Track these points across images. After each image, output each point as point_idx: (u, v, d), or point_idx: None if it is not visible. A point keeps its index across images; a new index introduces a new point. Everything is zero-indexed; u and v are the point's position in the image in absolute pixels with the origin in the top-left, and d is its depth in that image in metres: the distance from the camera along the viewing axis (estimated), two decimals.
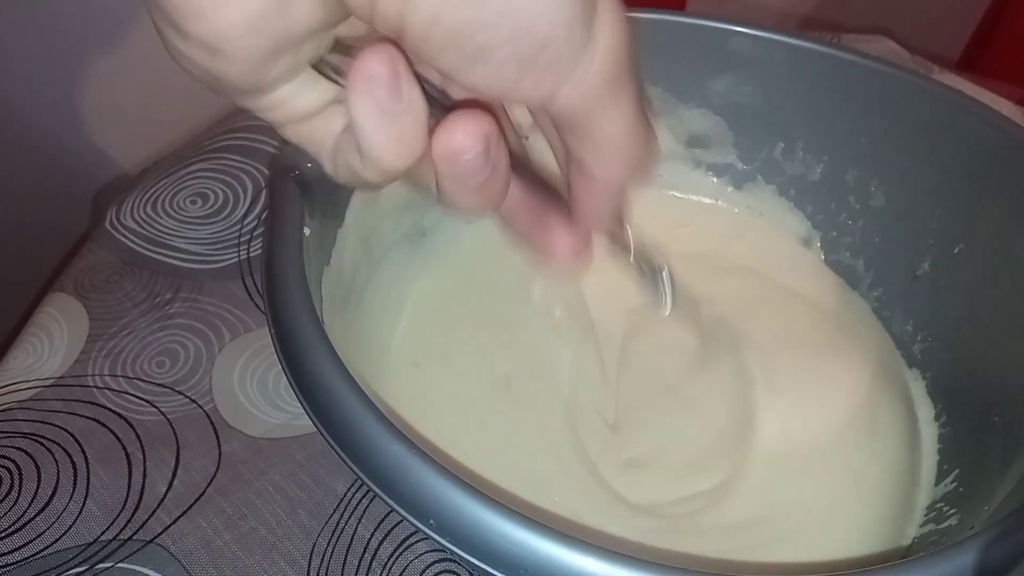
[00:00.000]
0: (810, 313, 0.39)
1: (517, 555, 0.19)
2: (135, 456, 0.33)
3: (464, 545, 0.20)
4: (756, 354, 0.36)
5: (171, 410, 0.34)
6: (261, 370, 0.36)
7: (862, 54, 0.37)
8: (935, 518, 0.31)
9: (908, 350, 0.37)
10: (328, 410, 0.22)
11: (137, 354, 0.36)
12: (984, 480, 0.29)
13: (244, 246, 0.42)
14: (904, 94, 0.36)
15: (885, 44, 0.58)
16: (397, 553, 0.31)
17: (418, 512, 0.20)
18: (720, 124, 0.42)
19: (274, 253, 0.26)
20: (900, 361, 0.37)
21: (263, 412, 0.35)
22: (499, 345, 0.36)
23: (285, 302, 0.24)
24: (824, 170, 0.40)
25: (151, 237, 0.42)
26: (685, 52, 0.40)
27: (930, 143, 0.36)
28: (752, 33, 0.39)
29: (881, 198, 0.39)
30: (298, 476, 0.33)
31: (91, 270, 0.40)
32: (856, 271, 0.40)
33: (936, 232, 0.36)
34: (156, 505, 0.31)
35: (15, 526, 0.30)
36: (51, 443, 0.33)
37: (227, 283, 0.40)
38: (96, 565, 0.29)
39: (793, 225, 0.42)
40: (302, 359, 0.23)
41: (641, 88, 0.22)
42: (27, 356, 0.36)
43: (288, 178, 0.28)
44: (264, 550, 0.30)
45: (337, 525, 0.31)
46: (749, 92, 0.40)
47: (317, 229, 0.28)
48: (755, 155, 0.42)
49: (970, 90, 0.53)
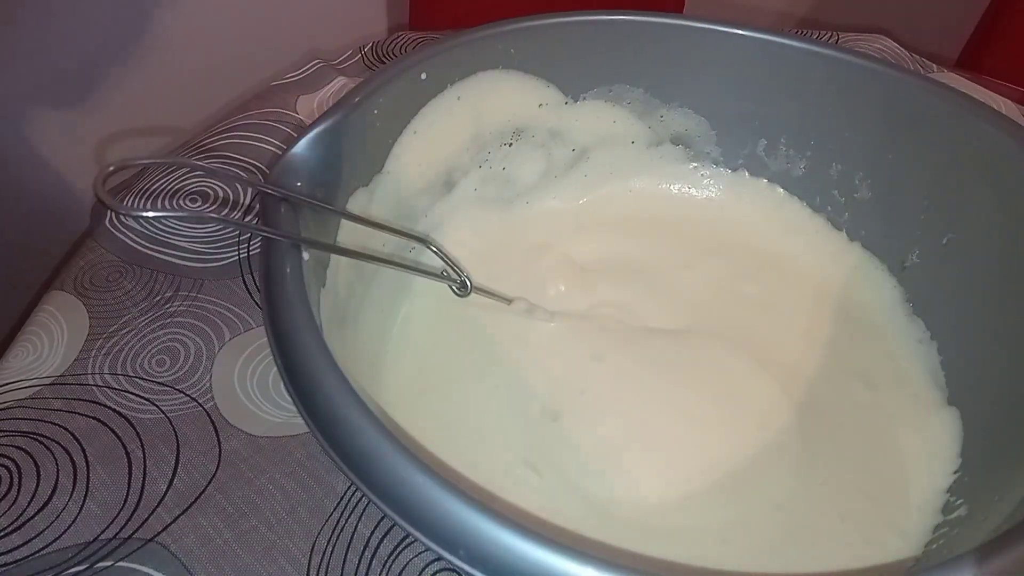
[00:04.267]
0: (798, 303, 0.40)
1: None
2: (135, 455, 0.33)
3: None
4: (741, 343, 0.37)
5: (171, 408, 0.34)
6: (261, 368, 0.36)
7: (844, 50, 0.38)
8: (944, 508, 0.31)
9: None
10: (361, 458, 0.21)
11: (137, 352, 0.36)
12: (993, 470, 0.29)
13: (244, 244, 0.42)
14: (887, 88, 0.37)
15: (884, 43, 0.58)
16: (397, 551, 0.31)
17: (447, 543, 0.20)
18: (703, 123, 0.42)
19: (274, 282, 0.26)
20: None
21: (263, 410, 0.35)
22: (491, 360, 0.36)
23: (296, 346, 0.24)
24: (808, 165, 0.41)
25: (151, 235, 0.42)
26: (665, 53, 0.40)
27: (915, 135, 0.37)
28: (732, 32, 0.39)
29: (866, 191, 0.39)
30: (298, 474, 0.33)
31: (91, 268, 0.40)
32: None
33: (923, 223, 0.37)
34: (156, 504, 0.31)
35: (15, 525, 0.30)
36: (51, 442, 0.33)
37: (227, 281, 0.40)
38: (96, 564, 0.29)
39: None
40: (315, 392, 0.23)
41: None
42: (27, 355, 0.36)
43: (280, 201, 0.28)
44: (264, 548, 0.30)
45: (337, 523, 0.31)
46: (731, 91, 0.41)
47: (314, 252, 0.28)
48: (738, 152, 0.43)
49: (969, 89, 0.53)
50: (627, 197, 0.44)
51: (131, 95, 0.64)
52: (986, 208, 0.34)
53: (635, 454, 0.33)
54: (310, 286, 0.26)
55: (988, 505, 0.27)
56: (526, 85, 0.40)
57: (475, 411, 0.34)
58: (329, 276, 0.30)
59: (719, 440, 0.33)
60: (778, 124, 0.41)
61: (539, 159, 0.42)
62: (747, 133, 0.42)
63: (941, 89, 0.36)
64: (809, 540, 0.30)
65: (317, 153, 0.30)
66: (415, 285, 0.38)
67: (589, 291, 0.40)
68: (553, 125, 0.42)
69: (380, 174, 0.35)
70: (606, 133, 0.43)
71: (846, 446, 0.33)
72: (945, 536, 0.29)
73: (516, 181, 0.42)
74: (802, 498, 0.32)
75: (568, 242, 0.42)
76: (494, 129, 0.40)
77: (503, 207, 0.42)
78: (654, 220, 0.44)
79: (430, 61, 0.35)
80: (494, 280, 0.37)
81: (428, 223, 0.39)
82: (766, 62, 0.39)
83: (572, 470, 0.32)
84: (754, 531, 0.31)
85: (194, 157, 0.46)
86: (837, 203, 0.41)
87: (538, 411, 0.34)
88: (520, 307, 0.37)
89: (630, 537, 0.30)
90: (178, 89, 0.65)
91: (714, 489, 0.32)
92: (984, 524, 0.26)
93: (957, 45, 0.76)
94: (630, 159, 0.44)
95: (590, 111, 0.42)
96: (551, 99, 0.41)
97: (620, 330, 0.38)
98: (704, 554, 0.29)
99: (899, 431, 0.34)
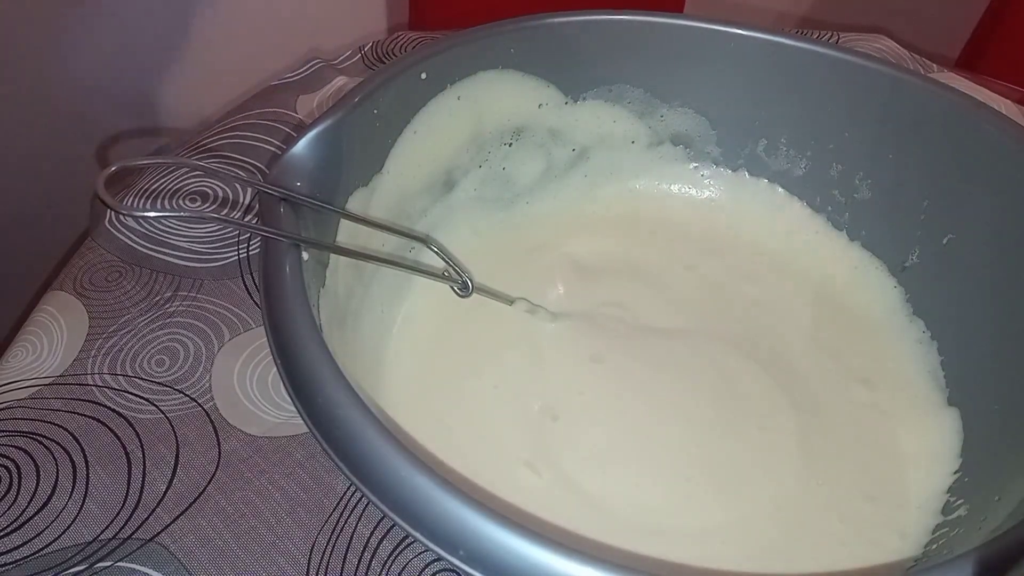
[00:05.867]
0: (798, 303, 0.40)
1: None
2: (134, 455, 0.33)
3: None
4: (741, 343, 0.37)
5: (171, 409, 0.34)
6: (261, 368, 0.36)
7: (844, 50, 0.38)
8: (944, 508, 0.31)
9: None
10: (360, 458, 0.21)
11: (137, 353, 0.36)
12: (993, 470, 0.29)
13: (244, 244, 0.42)
14: (887, 88, 0.37)
15: (884, 43, 0.58)
16: (397, 551, 0.31)
17: (447, 543, 0.20)
18: (703, 123, 0.42)
19: (274, 282, 0.26)
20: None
21: (263, 410, 0.35)
22: (491, 360, 0.36)
23: (295, 346, 0.24)
24: (808, 165, 0.41)
25: (151, 235, 0.42)
26: (665, 53, 0.40)
27: (915, 135, 0.37)
28: (732, 32, 0.39)
29: (867, 191, 0.39)
30: (298, 475, 0.33)
31: (90, 268, 0.40)
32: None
33: (923, 223, 0.37)
34: (156, 504, 0.31)
35: (14, 525, 0.30)
36: (50, 442, 0.33)
37: (227, 281, 0.40)
38: (95, 564, 0.29)
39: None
40: (315, 393, 0.23)
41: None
42: (26, 355, 0.36)
43: (279, 201, 0.28)
44: (264, 548, 0.30)
45: (337, 524, 0.31)
46: (731, 91, 0.41)
47: (314, 253, 0.28)
48: (738, 152, 0.43)
49: (969, 89, 0.53)
50: (627, 197, 0.44)
51: (131, 95, 0.64)
52: (986, 208, 0.34)
53: (635, 454, 0.33)
54: (310, 286, 0.26)
55: (988, 505, 0.27)
56: (526, 85, 0.40)
57: (475, 411, 0.34)
58: (329, 276, 0.30)
59: (719, 440, 0.33)
60: (778, 124, 0.41)
61: (539, 159, 0.42)
62: (747, 133, 0.42)
63: (941, 89, 0.36)
64: (809, 540, 0.30)
65: (317, 153, 0.30)
66: (415, 285, 0.38)
67: (589, 291, 0.40)
68: (553, 125, 0.42)
69: (380, 174, 0.35)
70: (606, 133, 0.43)
71: (846, 446, 0.33)
72: (945, 536, 0.29)
73: (516, 181, 0.42)
74: (801, 498, 0.32)
75: (568, 242, 0.42)
76: (494, 129, 0.40)
77: (503, 207, 0.42)
78: (654, 220, 0.44)
79: (430, 61, 0.35)
80: (494, 280, 0.37)
81: (428, 223, 0.39)
82: (766, 62, 0.39)
83: (572, 470, 0.32)
84: (754, 531, 0.31)
85: (194, 157, 0.46)
86: (837, 203, 0.41)
87: (538, 411, 0.34)
88: (522, 307, 0.37)
89: (630, 537, 0.30)
90: (178, 89, 0.65)
91: (714, 489, 0.32)
92: (984, 524, 0.26)
93: (957, 45, 0.76)
94: (630, 159, 0.44)
95: (590, 111, 0.42)
96: (551, 99, 0.41)
97: (620, 330, 0.38)
98: (704, 554, 0.29)
99: (899, 431, 0.34)
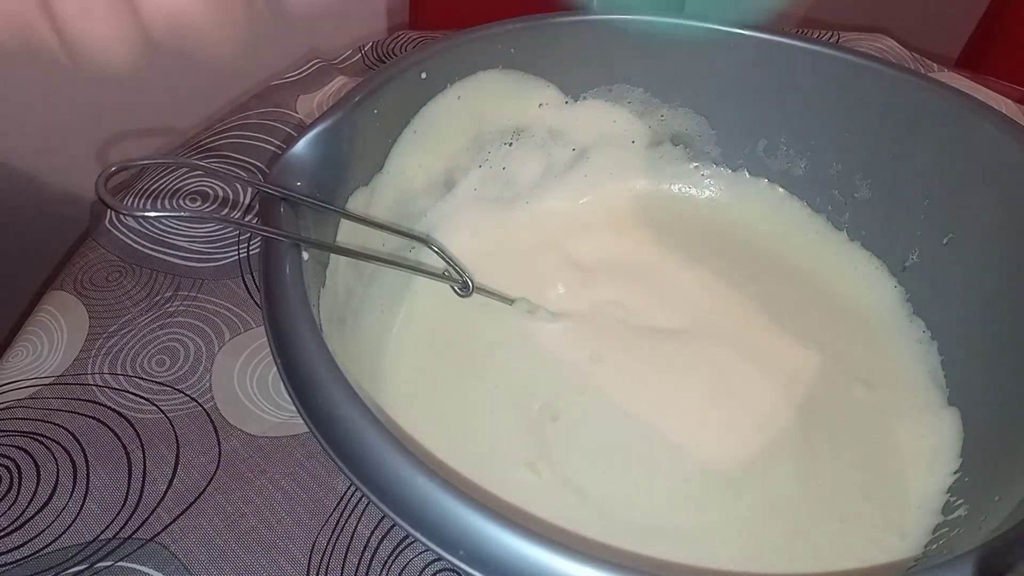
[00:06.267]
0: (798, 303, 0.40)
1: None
2: (135, 454, 0.33)
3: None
4: (741, 343, 0.37)
5: (171, 408, 0.34)
6: (261, 368, 0.36)
7: (845, 50, 0.38)
8: (944, 508, 0.31)
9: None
10: (360, 458, 0.21)
11: (137, 352, 0.36)
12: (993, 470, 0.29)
13: (244, 244, 0.42)
14: (887, 88, 0.37)
15: (885, 43, 0.58)
16: (397, 551, 0.31)
17: (447, 543, 0.20)
18: (703, 123, 0.42)
19: (274, 282, 0.26)
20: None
21: (263, 410, 0.35)
22: (491, 360, 0.36)
23: (295, 346, 0.24)
24: (808, 165, 0.41)
25: (151, 235, 0.42)
26: (665, 53, 0.40)
27: (915, 135, 0.37)
28: (732, 32, 0.39)
29: (866, 191, 0.39)
30: (298, 474, 0.33)
31: (91, 268, 0.40)
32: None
33: (923, 223, 0.37)
34: (156, 504, 0.31)
35: (14, 525, 0.30)
36: (51, 442, 0.33)
37: (227, 281, 0.40)
38: (96, 564, 0.29)
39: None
40: (314, 392, 0.23)
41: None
42: (26, 355, 0.36)
43: (279, 201, 0.28)
44: (264, 548, 0.30)
45: (337, 523, 0.31)
46: (731, 90, 0.41)
47: (314, 253, 0.28)
48: (738, 152, 0.43)
49: (969, 89, 0.53)
50: (627, 197, 0.44)
51: (131, 95, 0.64)
52: (986, 208, 0.34)
53: (635, 454, 0.33)
54: (310, 286, 0.26)
55: (988, 505, 0.27)
56: (526, 85, 0.40)
57: (475, 411, 0.34)
58: (329, 276, 0.30)
59: (719, 441, 0.33)
60: (778, 124, 0.41)
61: (539, 159, 0.42)
62: (747, 133, 0.42)
63: (941, 89, 0.36)
64: (809, 540, 0.30)
65: (317, 153, 0.30)
66: (415, 285, 0.38)
67: (589, 291, 0.40)
68: (553, 125, 0.42)
69: (380, 174, 0.35)
70: (606, 133, 0.43)
71: (846, 446, 0.33)
72: (945, 536, 0.29)
73: (516, 181, 0.42)
74: (802, 498, 0.32)
75: (568, 242, 0.42)
76: (494, 129, 0.40)
77: (503, 207, 0.42)
78: (654, 220, 0.44)
79: (430, 61, 0.35)
80: (494, 280, 0.37)
81: (428, 223, 0.39)
82: (766, 62, 0.39)
83: (572, 470, 0.32)
84: (754, 531, 0.31)
85: (194, 157, 0.46)
86: (837, 203, 0.41)
87: (538, 411, 0.34)
88: (522, 307, 0.37)
89: (630, 537, 0.30)
90: (178, 89, 0.65)
91: (713, 489, 0.32)
92: (984, 524, 0.26)
93: (957, 45, 0.76)
94: (630, 159, 0.44)
95: (590, 111, 0.42)
96: (551, 99, 0.41)
97: (620, 330, 0.38)
98: (704, 554, 0.29)
99: (899, 431, 0.34)
